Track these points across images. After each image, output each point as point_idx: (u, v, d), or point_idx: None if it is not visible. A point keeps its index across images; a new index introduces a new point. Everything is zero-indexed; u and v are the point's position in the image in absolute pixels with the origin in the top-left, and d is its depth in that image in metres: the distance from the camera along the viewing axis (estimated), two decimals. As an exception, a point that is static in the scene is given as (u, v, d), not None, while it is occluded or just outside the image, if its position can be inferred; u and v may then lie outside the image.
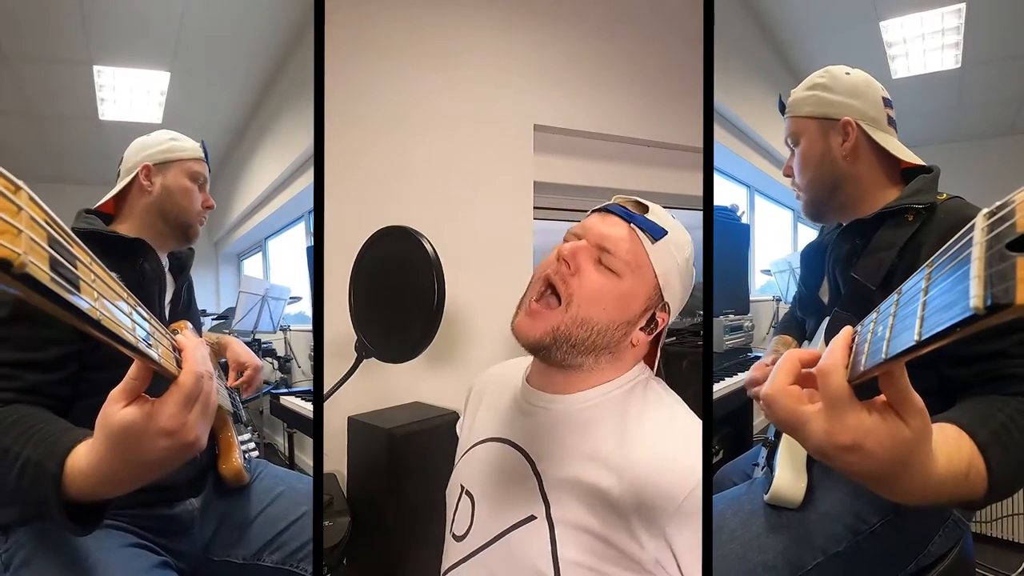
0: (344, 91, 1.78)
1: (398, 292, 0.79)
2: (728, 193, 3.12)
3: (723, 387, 1.97)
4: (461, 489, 0.80)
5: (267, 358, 3.22)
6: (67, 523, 0.58)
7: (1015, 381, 0.70)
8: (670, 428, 0.69)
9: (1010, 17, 2.65)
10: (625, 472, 0.65)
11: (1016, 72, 2.94)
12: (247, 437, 1.16)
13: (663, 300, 0.74)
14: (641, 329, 0.73)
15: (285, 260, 3.91)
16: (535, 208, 2.16)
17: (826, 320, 0.94)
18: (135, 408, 0.51)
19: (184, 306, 1.13)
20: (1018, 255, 0.29)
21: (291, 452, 2.66)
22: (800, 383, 0.49)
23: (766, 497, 0.89)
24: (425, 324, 0.75)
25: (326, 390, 0.85)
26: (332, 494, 1.69)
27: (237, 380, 1.19)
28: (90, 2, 2.30)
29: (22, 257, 0.30)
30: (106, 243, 0.96)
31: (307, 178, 2.76)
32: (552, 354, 0.72)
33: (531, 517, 0.69)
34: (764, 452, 1.02)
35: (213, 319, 3.52)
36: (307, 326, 3.36)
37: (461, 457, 0.84)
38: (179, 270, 1.12)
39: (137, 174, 1.03)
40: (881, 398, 0.45)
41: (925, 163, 0.91)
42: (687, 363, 1.95)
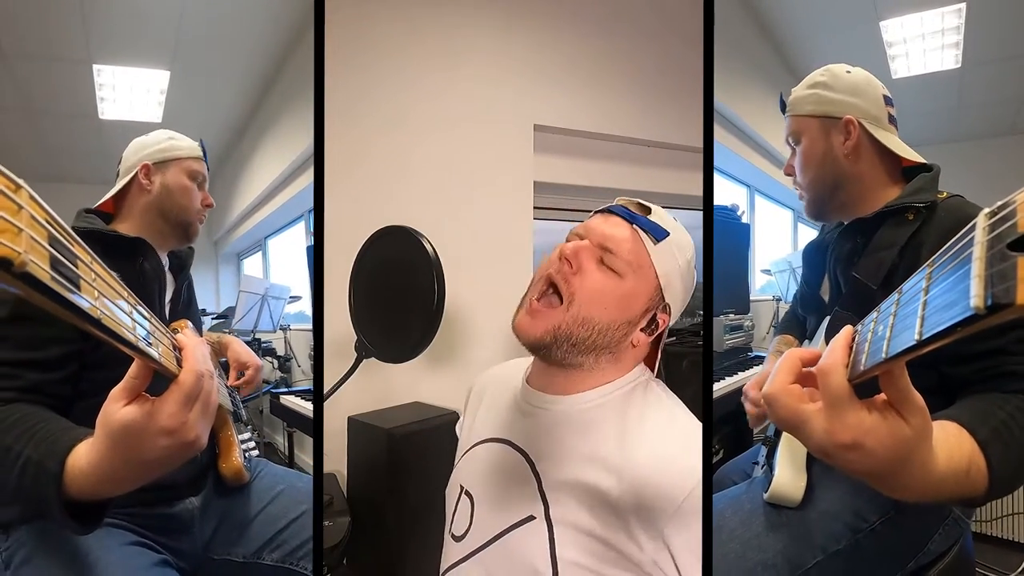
0: (344, 91, 1.78)
1: (398, 292, 0.79)
2: (728, 193, 3.12)
3: (723, 386, 1.97)
4: (460, 489, 0.80)
5: (267, 357, 3.22)
6: (68, 522, 0.58)
7: (1015, 378, 0.70)
8: (670, 430, 0.69)
9: (1010, 17, 2.64)
10: (624, 473, 0.65)
11: (1016, 72, 2.94)
12: (247, 436, 1.16)
13: (664, 301, 0.74)
14: (642, 330, 0.73)
15: (285, 259, 3.91)
16: (535, 208, 2.16)
17: (827, 319, 0.94)
18: (135, 407, 0.51)
19: (184, 305, 1.13)
20: (1019, 255, 0.29)
21: (291, 451, 2.66)
22: (801, 382, 0.49)
23: (766, 496, 0.89)
24: (425, 324, 0.75)
25: (326, 390, 0.85)
26: (332, 494, 1.69)
27: (238, 379, 1.19)
28: (90, 1, 2.30)
29: (23, 256, 0.30)
30: (106, 242, 0.96)
31: (307, 177, 2.75)
32: (552, 353, 0.72)
33: (530, 517, 0.69)
34: (764, 451, 1.02)
35: (213, 318, 3.52)
36: (307, 325, 3.36)
37: (461, 457, 0.84)
38: (179, 269, 1.13)
39: (136, 173, 1.04)
40: (881, 397, 0.45)
41: (925, 161, 0.91)
42: (687, 363, 1.95)
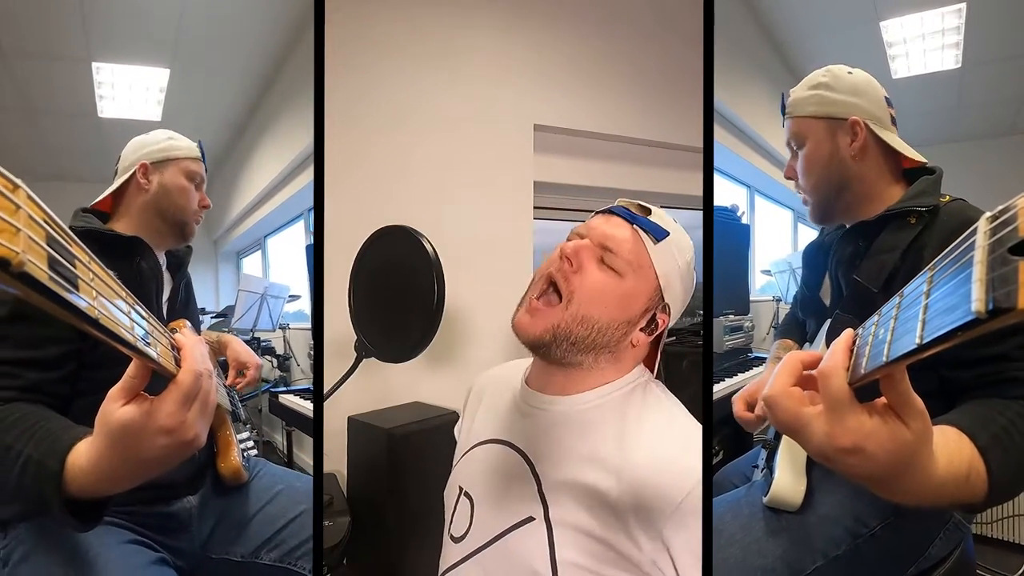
0: (344, 91, 1.78)
1: (398, 292, 0.79)
2: (728, 193, 3.12)
3: (723, 387, 1.97)
4: (460, 490, 0.80)
5: (266, 356, 3.22)
6: (68, 520, 0.59)
7: (1016, 384, 0.70)
8: (669, 430, 0.69)
9: (1010, 17, 2.64)
10: (623, 473, 0.65)
11: (1016, 72, 2.94)
12: (246, 436, 1.16)
13: (664, 301, 0.74)
14: (641, 330, 0.73)
15: (284, 258, 3.91)
16: (535, 208, 2.16)
17: (827, 322, 0.93)
18: (134, 406, 0.51)
19: (183, 304, 1.13)
20: (1020, 259, 0.29)
21: (289, 450, 2.66)
22: (801, 385, 0.49)
23: (765, 499, 0.89)
24: (425, 324, 0.75)
25: (326, 390, 0.85)
26: (332, 494, 1.69)
27: (237, 379, 1.19)
28: (90, -1, 2.30)
29: (20, 256, 0.30)
30: (103, 241, 0.95)
31: (306, 176, 2.75)
32: (552, 352, 0.72)
33: (529, 518, 0.69)
34: (764, 454, 1.02)
35: (212, 317, 3.52)
36: (306, 324, 3.36)
37: (460, 458, 0.84)
38: (177, 268, 1.12)
39: (135, 172, 1.03)
40: (882, 400, 0.45)
41: (927, 162, 0.91)
42: (687, 363, 1.95)
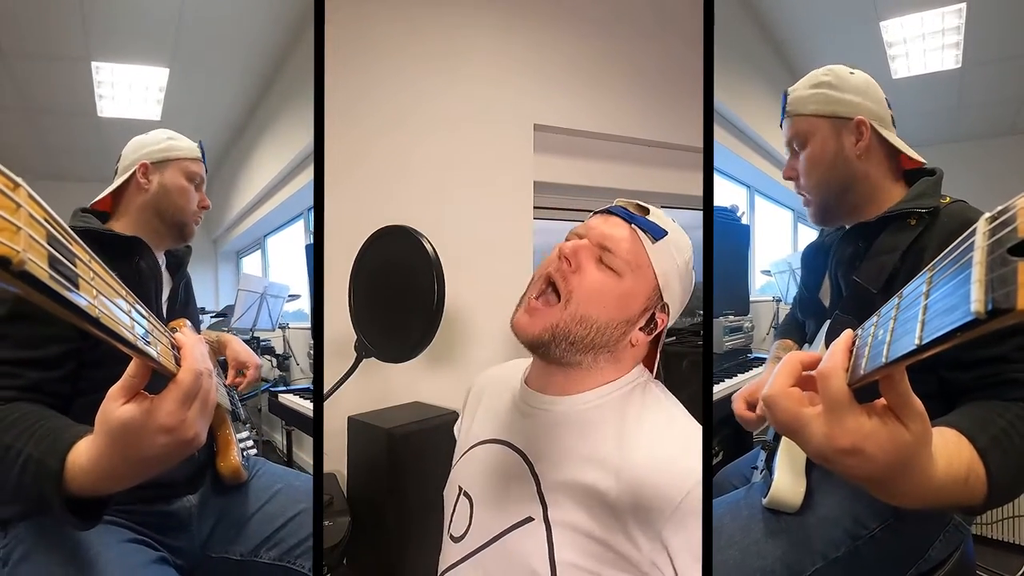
0: (344, 91, 1.78)
1: (398, 292, 0.79)
2: (728, 193, 3.12)
3: (723, 388, 1.97)
4: (459, 490, 0.80)
5: (266, 356, 3.22)
6: (69, 518, 0.59)
7: (1015, 386, 0.70)
8: (668, 431, 0.69)
9: (1010, 17, 2.64)
10: (623, 474, 0.65)
11: (1016, 72, 2.94)
12: (245, 435, 1.16)
13: (663, 301, 0.74)
14: (640, 329, 0.73)
15: (284, 258, 3.91)
16: (535, 208, 2.16)
17: (827, 323, 0.93)
18: (134, 405, 0.51)
19: (183, 304, 1.13)
20: (1019, 260, 0.29)
21: (289, 450, 2.66)
22: (801, 386, 0.49)
23: (765, 501, 0.89)
24: (425, 324, 0.75)
25: (326, 390, 0.85)
26: (332, 494, 1.69)
27: (236, 378, 1.19)
28: (90, -2, 2.30)
29: (21, 255, 0.30)
30: (102, 241, 0.95)
31: (306, 176, 2.75)
32: (551, 351, 0.72)
33: (528, 519, 0.69)
34: (763, 455, 1.02)
35: (212, 316, 3.52)
36: (306, 324, 3.36)
37: (459, 458, 0.84)
38: (176, 268, 1.12)
39: (135, 172, 1.03)
40: (881, 402, 0.45)
41: (926, 163, 0.91)
42: (687, 363, 1.95)
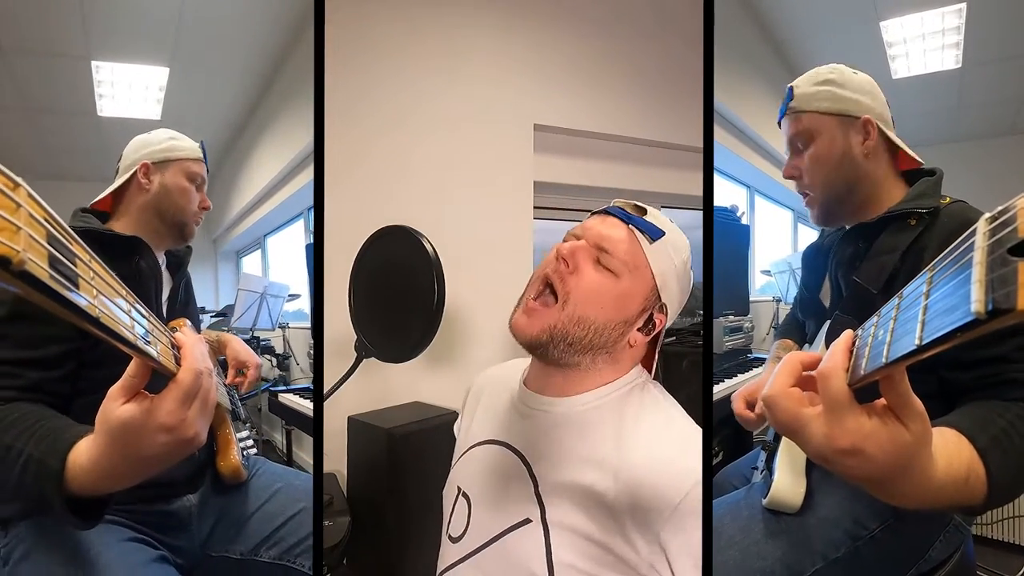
0: (344, 91, 1.78)
1: (398, 292, 0.79)
2: (728, 193, 3.12)
3: (723, 388, 1.97)
4: (458, 491, 0.80)
5: (266, 355, 3.22)
6: (69, 518, 0.59)
7: (1015, 386, 0.70)
8: (666, 432, 0.69)
9: (1010, 17, 2.64)
10: (621, 475, 0.65)
11: (1016, 72, 2.94)
12: (245, 434, 1.16)
13: (661, 301, 0.74)
14: (639, 330, 0.73)
15: (284, 257, 3.91)
16: (535, 208, 2.16)
17: (827, 323, 0.93)
18: (134, 405, 0.52)
19: (183, 304, 1.13)
20: (1019, 260, 0.29)
21: (289, 449, 2.66)
22: (801, 386, 0.49)
23: (764, 501, 0.88)
24: (425, 324, 0.75)
25: (326, 390, 0.85)
26: (332, 494, 1.69)
27: (236, 378, 1.19)
28: (89, -2, 2.30)
29: (21, 254, 0.30)
30: (102, 241, 0.95)
31: (306, 175, 2.75)
32: (549, 352, 0.72)
33: (526, 520, 0.69)
34: (763, 455, 1.02)
35: (212, 316, 3.52)
36: (305, 323, 3.36)
37: (458, 459, 0.84)
38: (176, 267, 1.12)
39: (136, 172, 1.03)
40: (881, 402, 0.45)
41: (926, 163, 0.91)
42: (687, 363, 1.95)
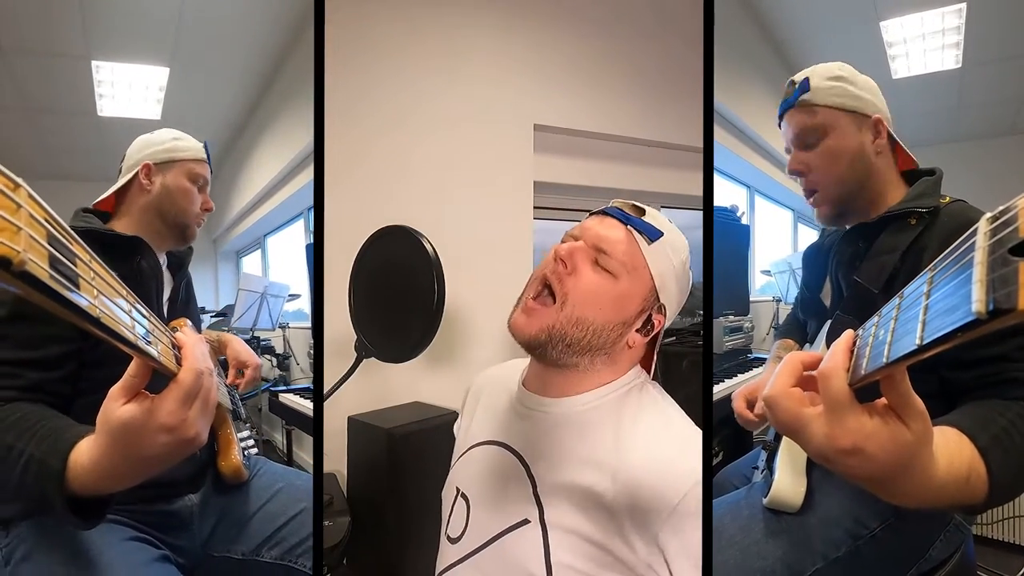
0: (344, 91, 1.78)
1: (398, 292, 0.79)
2: (728, 193, 3.12)
3: (723, 388, 1.97)
4: (457, 491, 0.80)
5: (266, 355, 3.22)
6: (70, 518, 0.59)
7: (1016, 385, 0.70)
8: (665, 432, 0.69)
9: (1010, 17, 2.64)
10: (619, 475, 0.65)
11: (1016, 72, 2.94)
12: (246, 434, 1.16)
13: (659, 302, 0.74)
14: (637, 331, 0.73)
15: (284, 257, 3.91)
16: (535, 208, 2.16)
17: (828, 323, 0.93)
18: (135, 405, 0.52)
19: (183, 303, 1.13)
20: (1020, 260, 0.29)
21: (289, 449, 2.66)
22: (802, 386, 0.49)
23: (765, 501, 0.89)
24: (425, 324, 0.75)
25: (326, 390, 0.85)
26: (332, 494, 1.69)
27: (237, 378, 1.19)
28: (89, -3, 2.30)
29: (22, 255, 0.30)
30: (103, 241, 0.95)
31: (306, 175, 2.75)
32: (548, 353, 0.72)
33: (524, 521, 0.69)
34: (764, 455, 1.02)
35: (212, 316, 3.52)
36: (306, 323, 3.36)
37: (458, 459, 0.84)
38: (178, 268, 1.12)
39: (137, 172, 1.03)
40: (882, 401, 0.45)
41: (926, 164, 0.92)
42: (687, 363, 1.95)
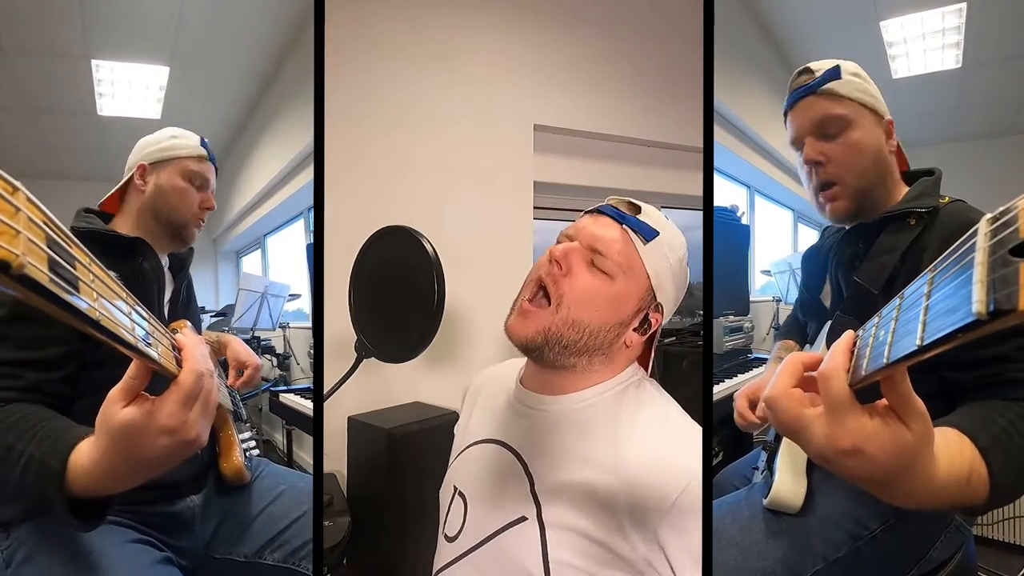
0: (344, 91, 1.78)
1: (398, 292, 0.79)
2: (728, 193, 3.12)
3: (723, 388, 1.97)
4: (454, 490, 0.80)
5: (266, 355, 3.22)
6: (71, 519, 0.59)
7: (1016, 386, 0.70)
8: (663, 429, 0.69)
9: (1010, 17, 2.64)
10: (617, 473, 0.65)
11: (1016, 72, 2.94)
12: (248, 435, 1.16)
13: (656, 301, 0.73)
14: (634, 330, 0.73)
15: (284, 257, 3.91)
16: (535, 208, 2.16)
17: (828, 324, 0.93)
18: (135, 407, 0.51)
19: (183, 304, 1.13)
20: (1021, 260, 0.29)
21: (289, 449, 2.66)
22: (802, 386, 0.49)
23: (765, 502, 0.88)
24: (425, 324, 0.75)
25: (326, 390, 0.85)
26: (332, 494, 1.69)
27: (237, 378, 1.19)
28: (89, -3, 2.30)
29: (20, 258, 0.30)
30: (105, 242, 0.95)
31: (306, 175, 2.75)
32: (544, 354, 0.71)
33: (522, 518, 0.69)
34: (764, 456, 1.02)
35: (212, 316, 3.52)
36: (306, 323, 3.36)
37: (456, 458, 0.84)
38: (179, 269, 1.12)
39: (134, 174, 1.03)
40: (883, 402, 0.45)
41: (926, 164, 0.92)
42: (687, 363, 1.95)
